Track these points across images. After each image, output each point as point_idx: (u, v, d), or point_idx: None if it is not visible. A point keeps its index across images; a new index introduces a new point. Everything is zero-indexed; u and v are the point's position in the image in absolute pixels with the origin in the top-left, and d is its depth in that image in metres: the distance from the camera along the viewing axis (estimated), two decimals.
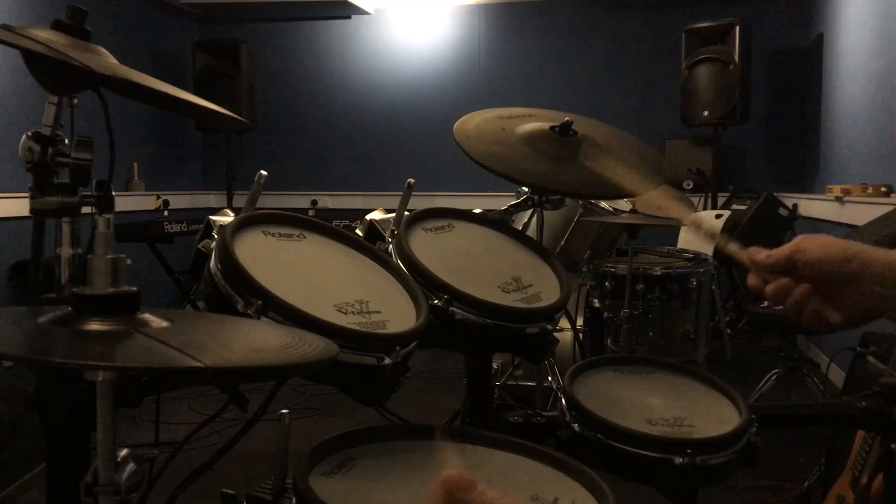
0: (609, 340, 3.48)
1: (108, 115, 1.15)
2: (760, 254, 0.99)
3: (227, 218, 1.50)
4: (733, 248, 1.04)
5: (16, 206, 4.29)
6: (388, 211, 1.91)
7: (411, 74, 6.27)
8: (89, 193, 1.10)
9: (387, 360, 1.23)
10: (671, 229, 4.55)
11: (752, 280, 1.01)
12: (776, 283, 0.98)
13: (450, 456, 0.55)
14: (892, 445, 1.62)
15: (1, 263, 4.37)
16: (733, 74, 5.17)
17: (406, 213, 1.66)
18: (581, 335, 3.29)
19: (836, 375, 3.74)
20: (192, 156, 6.57)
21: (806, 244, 0.96)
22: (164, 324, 0.93)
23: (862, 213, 3.46)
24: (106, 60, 1.16)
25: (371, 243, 1.52)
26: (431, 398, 2.96)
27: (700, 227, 1.19)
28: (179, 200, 6.04)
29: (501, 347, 1.87)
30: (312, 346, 0.95)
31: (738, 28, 5.18)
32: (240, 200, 5.64)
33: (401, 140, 6.25)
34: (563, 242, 3.53)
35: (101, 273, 0.96)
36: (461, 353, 1.68)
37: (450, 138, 1.80)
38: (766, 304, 3.67)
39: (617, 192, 2.21)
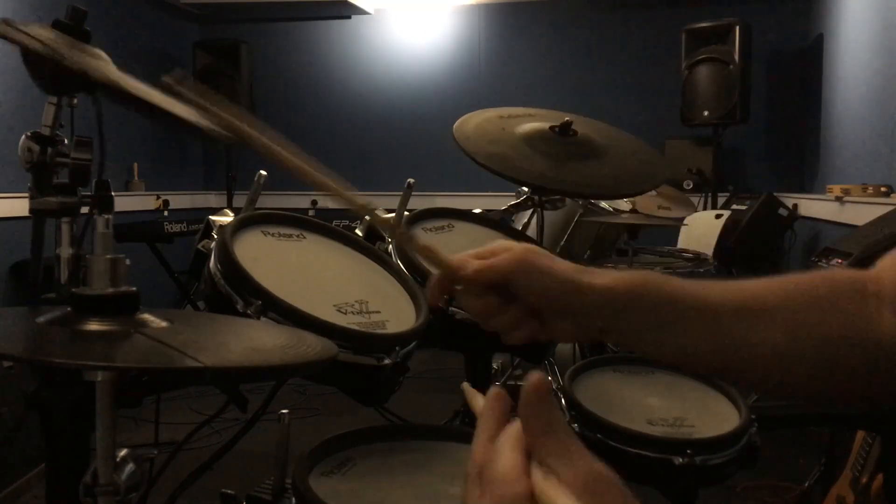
0: None
1: (101, 118, 1.15)
2: (471, 264, 0.84)
3: (227, 218, 1.50)
4: (421, 247, 0.87)
5: (16, 206, 4.29)
6: (388, 211, 1.91)
7: (411, 74, 6.27)
8: (89, 193, 1.10)
9: (387, 360, 1.23)
10: (671, 229, 4.55)
11: (434, 291, 0.86)
12: (485, 302, 0.83)
13: None
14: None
15: (1, 263, 4.37)
16: (733, 74, 5.16)
17: (406, 213, 1.66)
18: None
19: None
20: (192, 156, 6.57)
21: (521, 266, 0.81)
22: (164, 324, 0.93)
23: (862, 213, 3.45)
24: (104, 66, 1.15)
25: (371, 243, 1.52)
26: (431, 398, 2.96)
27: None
28: (179, 200, 6.04)
29: (501, 347, 1.87)
30: (312, 346, 0.95)
31: (738, 28, 5.18)
32: (240, 200, 5.63)
33: (401, 140, 6.25)
34: (563, 242, 3.53)
35: (101, 273, 0.96)
36: (461, 353, 1.68)
37: (450, 138, 1.80)
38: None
39: (616, 193, 2.21)
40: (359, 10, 6.22)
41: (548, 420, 0.49)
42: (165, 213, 5.70)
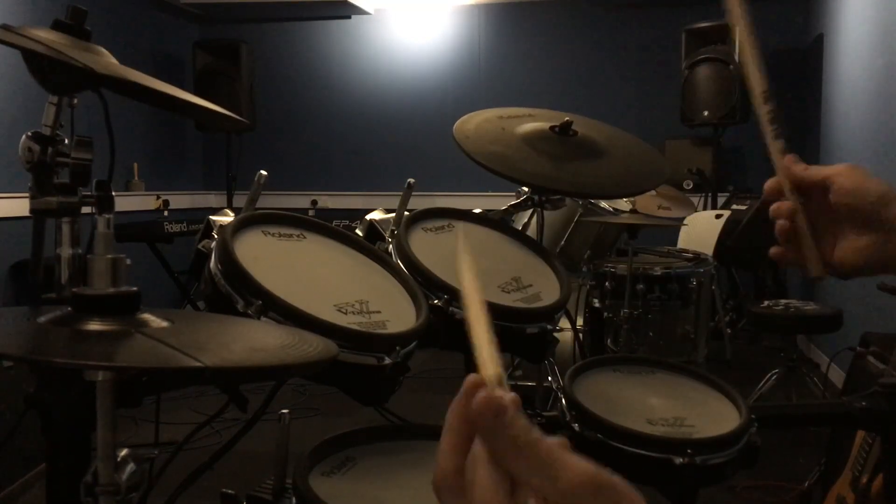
0: (609, 340, 3.48)
1: (109, 116, 1.15)
2: (798, 166, 0.92)
3: (227, 218, 1.50)
4: (776, 147, 0.95)
5: (16, 206, 4.29)
6: (388, 211, 1.90)
7: (411, 74, 6.27)
8: (89, 193, 1.10)
9: (387, 360, 1.23)
10: (671, 229, 4.55)
11: (769, 184, 0.93)
12: (790, 202, 0.89)
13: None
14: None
15: (1, 263, 4.37)
16: (733, 74, 5.16)
17: (406, 213, 1.66)
18: (581, 335, 3.29)
19: (836, 375, 3.74)
20: (192, 156, 6.57)
21: (848, 171, 0.88)
22: (164, 324, 0.93)
23: None
24: (106, 60, 1.16)
25: (371, 243, 1.52)
26: (431, 398, 2.96)
27: None
28: (179, 200, 6.04)
29: (501, 347, 1.86)
30: (312, 346, 0.95)
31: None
32: (240, 200, 5.63)
33: (401, 140, 6.25)
34: (563, 242, 3.53)
35: (101, 273, 0.97)
36: (461, 353, 1.68)
37: (450, 138, 1.80)
38: (766, 304, 3.67)
39: (617, 192, 2.22)
40: (359, 10, 6.22)
41: (513, 436, 0.44)
42: (165, 213, 5.70)
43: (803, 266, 0.90)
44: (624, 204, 3.48)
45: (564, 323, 1.85)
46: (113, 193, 1.10)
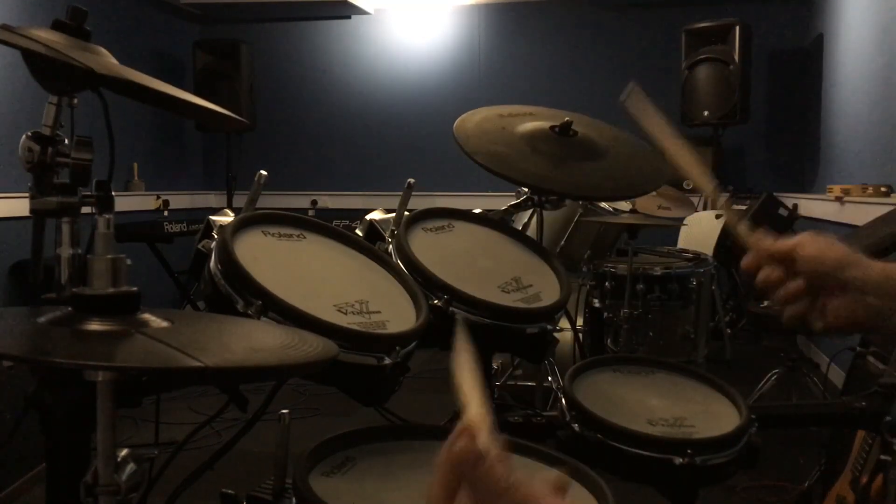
0: (609, 340, 3.48)
1: (108, 116, 1.15)
2: (766, 240, 0.99)
3: (227, 218, 1.50)
4: (742, 228, 1.02)
5: (16, 206, 4.29)
6: (388, 211, 1.90)
7: (411, 74, 6.27)
8: (89, 193, 1.10)
9: (387, 360, 1.23)
10: (671, 229, 4.55)
11: (746, 261, 1.01)
12: (770, 271, 0.97)
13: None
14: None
15: (1, 263, 4.37)
16: (733, 74, 5.16)
17: (406, 213, 1.66)
18: (581, 335, 3.29)
19: (836, 375, 3.74)
20: (192, 156, 6.57)
21: (808, 241, 0.96)
22: (164, 324, 0.93)
23: (862, 213, 3.45)
24: (106, 60, 1.16)
25: (371, 243, 1.52)
26: (431, 398, 2.96)
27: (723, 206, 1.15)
28: (179, 200, 6.04)
29: (501, 347, 1.87)
30: (312, 346, 0.95)
31: (738, 28, 5.18)
32: (240, 200, 5.63)
33: (401, 140, 6.25)
34: (563, 242, 3.53)
35: (101, 273, 0.96)
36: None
37: (450, 138, 1.80)
38: (766, 303, 3.66)
39: (617, 193, 2.21)
40: (359, 10, 6.22)
41: (494, 480, 0.47)
42: (165, 213, 5.69)
43: (800, 326, 0.98)
44: (624, 204, 3.48)
45: (564, 323, 1.85)
46: (113, 193, 1.10)
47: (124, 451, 0.99)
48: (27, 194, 1.13)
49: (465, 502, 0.48)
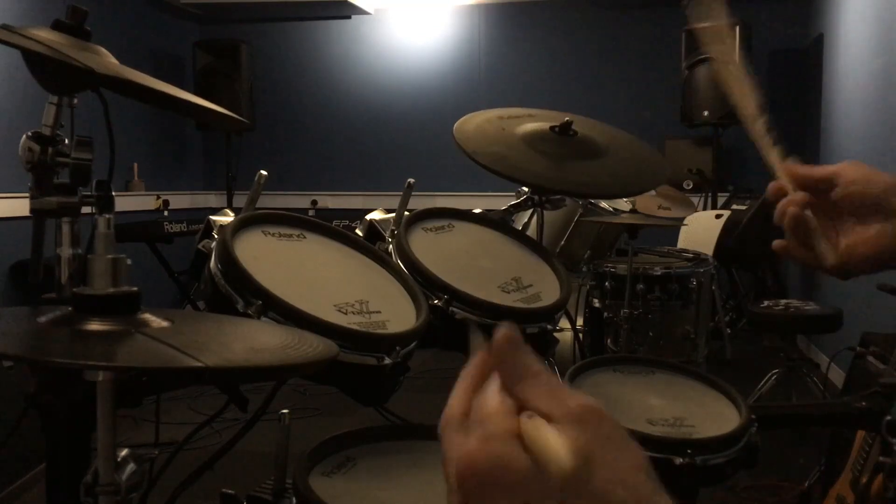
0: (609, 340, 3.47)
1: (109, 116, 1.15)
2: (801, 167, 0.94)
3: (227, 218, 1.50)
4: (775, 154, 0.97)
5: (16, 206, 4.29)
6: (388, 211, 1.90)
7: (411, 74, 6.27)
8: (89, 193, 1.10)
9: (387, 360, 1.23)
10: (671, 229, 4.55)
11: (773, 187, 0.95)
12: (799, 196, 0.91)
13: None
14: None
15: (1, 263, 4.37)
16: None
17: (406, 213, 1.66)
18: (581, 335, 3.29)
19: (836, 375, 3.74)
20: (192, 156, 6.57)
21: (851, 166, 0.91)
22: (165, 324, 0.93)
23: None
24: (106, 60, 1.16)
25: (371, 243, 1.52)
26: (431, 398, 2.96)
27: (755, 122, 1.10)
28: (179, 200, 6.04)
29: None
30: (312, 346, 0.95)
31: (738, 28, 5.17)
32: (240, 200, 5.63)
33: (401, 140, 6.25)
34: (563, 242, 3.52)
35: (102, 273, 0.96)
36: (461, 353, 1.68)
37: (450, 138, 1.80)
38: (766, 304, 3.67)
39: (617, 192, 2.22)
40: (359, 10, 6.22)
41: (525, 365, 0.50)
42: (165, 213, 5.70)
43: (806, 260, 0.92)
44: (624, 204, 3.48)
45: (564, 323, 1.85)
46: (113, 193, 1.10)
47: (124, 451, 0.99)
48: (27, 194, 1.13)
49: (491, 385, 0.50)
